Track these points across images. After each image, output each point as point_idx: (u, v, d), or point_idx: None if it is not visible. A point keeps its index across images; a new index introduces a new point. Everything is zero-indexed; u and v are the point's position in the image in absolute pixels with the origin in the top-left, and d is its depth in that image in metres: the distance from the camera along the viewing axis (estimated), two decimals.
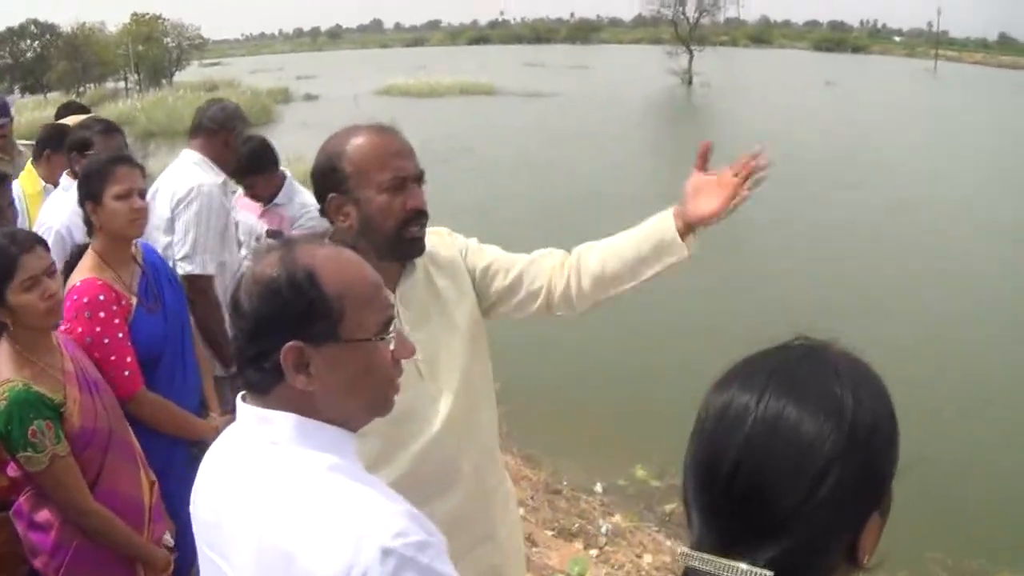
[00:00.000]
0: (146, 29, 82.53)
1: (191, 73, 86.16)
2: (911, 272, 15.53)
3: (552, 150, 31.18)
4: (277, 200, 5.99)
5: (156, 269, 4.19)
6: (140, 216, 3.97)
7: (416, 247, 2.82)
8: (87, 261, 3.90)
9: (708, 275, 13.42)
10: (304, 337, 1.72)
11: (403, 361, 2.80)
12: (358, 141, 2.75)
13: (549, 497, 7.39)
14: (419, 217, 2.76)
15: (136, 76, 78.54)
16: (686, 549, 1.33)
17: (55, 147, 5.73)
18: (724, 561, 1.26)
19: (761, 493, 1.25)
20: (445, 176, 22.52)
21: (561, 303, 3.05)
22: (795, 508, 1.24)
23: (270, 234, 5.82)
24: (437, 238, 3.05)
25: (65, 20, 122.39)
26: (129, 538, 3.43)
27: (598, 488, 7.81)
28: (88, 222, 3.96)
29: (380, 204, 2.70)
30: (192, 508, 1.91)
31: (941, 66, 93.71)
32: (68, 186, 5.02)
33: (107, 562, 3.42)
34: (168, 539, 3.66)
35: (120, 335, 3.79)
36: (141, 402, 3.83)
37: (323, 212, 2.84)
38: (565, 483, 7.76)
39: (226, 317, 4.96)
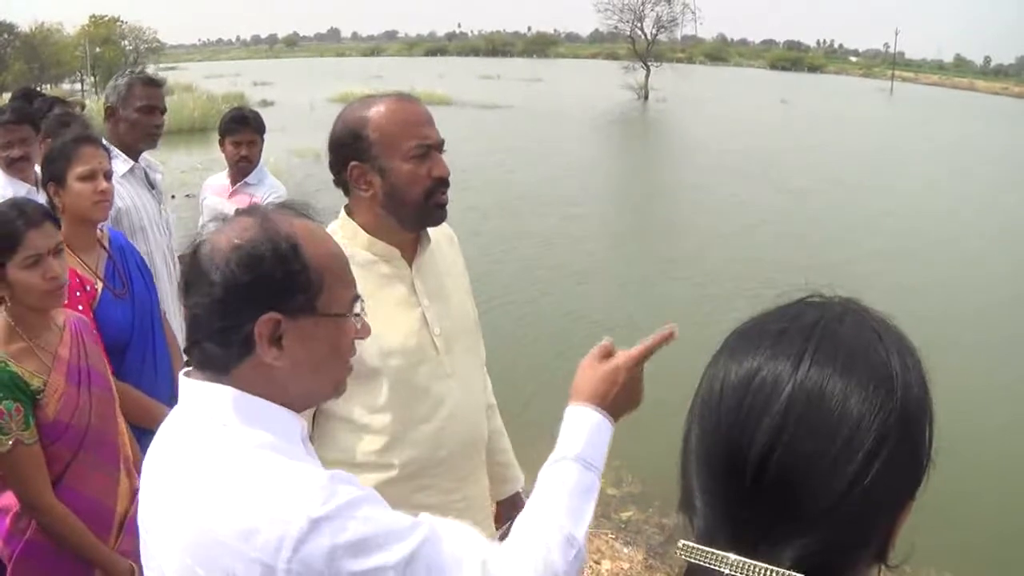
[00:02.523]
0: (104, 31, 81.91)
1: (150, 71, 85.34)
2: (858, 280, 15.63)
3: (501, 158, 31.29)
4: (248, 180, 6.06)
5: (124, 254, 4.04)
6: (105, 198, 3.83)
7: (441, 214, 2.78)
8: None
9: (667, 287, 13.51)
10: (282, 309, 1.66)
11: (420, 333, 2.79)
12: (382, 109, 2.68)
13: None
14: (443, 185, 2.72)
15: (92, 78, 77.77)
16: (690, 543, 1.11)
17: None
18: (743, 560, 1.05)
19: (797, 482, 1.04)
20: None
21: None
22: (836, 499, 1.03)
23: (240, 214, 5.80)
24: (447, 229, 3.06)
25: (23, 20, 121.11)
26: (86, 541, 3.19)
27: None
28: (52, 205, 3.76)
29: (407, 173, 2.64)
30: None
31: (897, 87, 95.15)
32: None
33: (61, 561, 3.20)
34: None
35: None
36: None
37: (338, 183, 2.79)
38: (520, 490, 7.73)
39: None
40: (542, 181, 26.05)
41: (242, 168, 6.13)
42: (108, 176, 3.87)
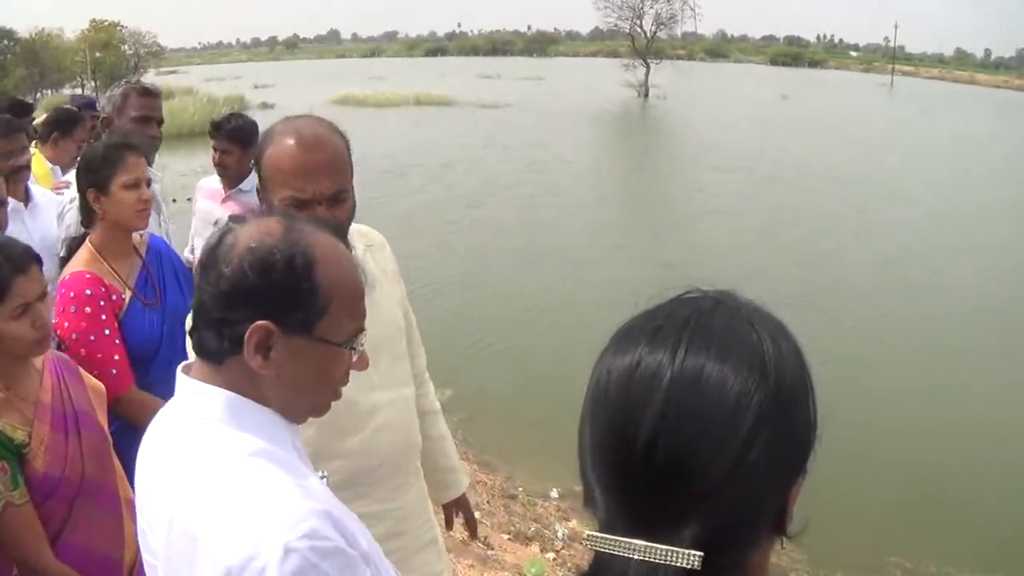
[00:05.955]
0: (104, 36, 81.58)
1: (148, 81, 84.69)
2: (849, 275, 15.63)
3: (486, 152, 31.59)
4: (242, 187, 5.96)
5: (161, 263, 3.98)
6: (147, 207, 3.77)
7: None
8: (83, 254, 3.67)
9: (658, 288, 13.56)
10: (278, 321, 1.63)
11: None
12: (272, 148, 2.58)
13: (504, 502, 7.42)
14: None
15: (93, 83, 77.59)
16: (594, 532, 1.14)
17: (63, 131, 6.24)
18: (645, 544, 1.08)
19: (684, 464, 1.08)
20: (393, 184, 22.86)
21: None
22: (723, 478, 1.08)
23: (233, 219, 5.78)
24: (376, 237, 3.04)
25: (23, 26, 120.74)
26: None
27: (554, 494, 7.82)
28: (86, 211, 3.75)
29: None
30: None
31: (898, 81, 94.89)
32: None
33: None
34: None
35: (107, 332, 3.55)
36: (129, 402, 3.53)
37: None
38: (520, 489, 7.78)
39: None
40: (519, 174, 26.67)
41: (223, 173, 6.06)
42: (148, 184, 3.85)
